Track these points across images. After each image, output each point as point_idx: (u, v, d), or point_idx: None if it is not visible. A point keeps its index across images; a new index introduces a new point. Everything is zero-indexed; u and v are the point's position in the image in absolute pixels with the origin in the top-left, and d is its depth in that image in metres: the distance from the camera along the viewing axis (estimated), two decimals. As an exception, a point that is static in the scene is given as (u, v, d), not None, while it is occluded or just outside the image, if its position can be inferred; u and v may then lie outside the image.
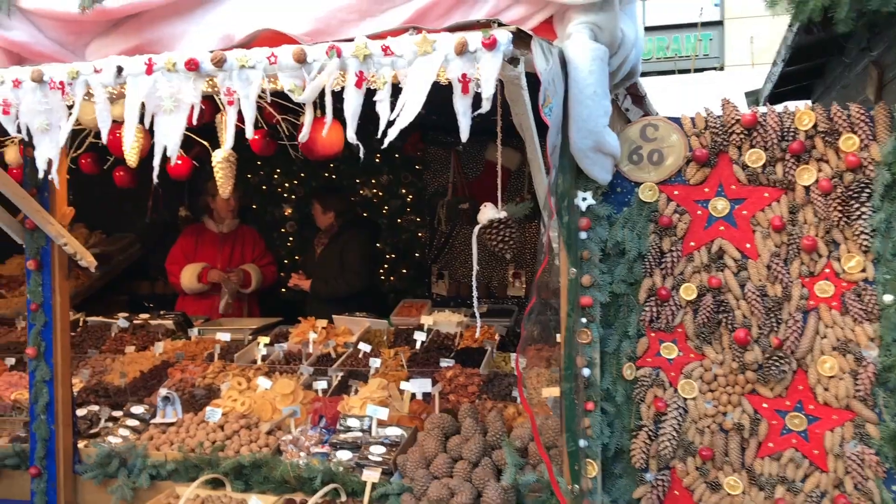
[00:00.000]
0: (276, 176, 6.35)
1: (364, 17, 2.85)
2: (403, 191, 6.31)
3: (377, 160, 6.06)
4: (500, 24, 2.16)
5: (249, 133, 2.29)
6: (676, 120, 2.83)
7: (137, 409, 3.87)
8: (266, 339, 4.59)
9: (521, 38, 2.22)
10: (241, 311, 5.47)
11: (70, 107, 2.44)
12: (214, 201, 5.43)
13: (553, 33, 2.77)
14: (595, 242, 2.82)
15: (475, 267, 3.00)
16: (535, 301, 2.58)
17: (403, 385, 3.84)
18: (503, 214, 3.02)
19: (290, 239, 6.41)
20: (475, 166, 6.06)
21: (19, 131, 2.48)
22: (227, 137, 2.31)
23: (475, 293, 3.04)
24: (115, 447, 3.53)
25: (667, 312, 2.81)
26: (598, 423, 2.84)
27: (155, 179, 2.50)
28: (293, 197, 6.37)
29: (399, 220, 6.35)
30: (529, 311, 2.60)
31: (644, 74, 3.72)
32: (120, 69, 2.35)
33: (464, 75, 2.08)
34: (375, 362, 4.13)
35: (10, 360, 4.44)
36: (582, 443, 2.84)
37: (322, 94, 2.27)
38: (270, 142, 4.12)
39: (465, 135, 2.11)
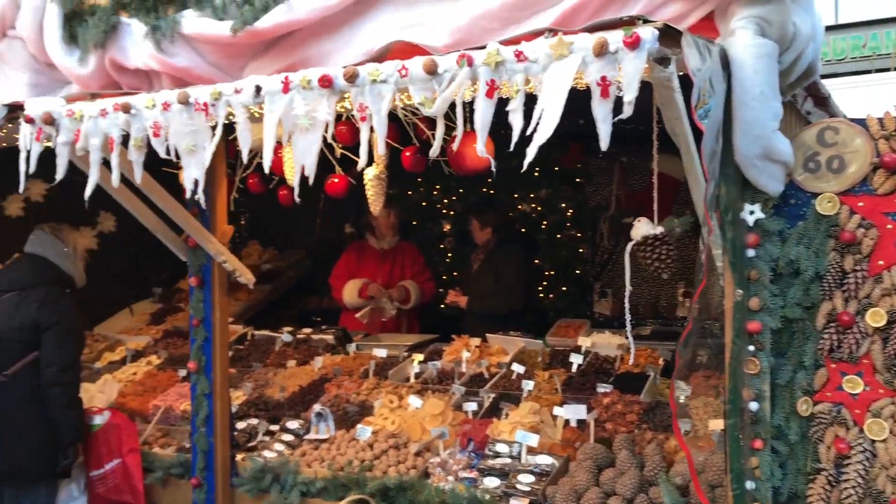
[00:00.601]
0: (435, 192, 6.35)
1: (507, 24, 2.72)
2: (563, 205, 6.09)
3: (535, 174, 5.90)
4: (646, 21, 1.95)
5: (381, 149, 2.22)
6: (861, 122, 2.48)
7: (293, 424, 3.92)
8: (420, 357, 4.55)
9: (670, 36, 2.00)
10: (400, 327, 5.48)
11: (213, 127, 2.48)
12: (375, 218, 5.49)
13: (715, 30, 2.51)
14: (764, 261, 2.52)
15: (628, 287, 2.79)
16: (693, 325, 2.33)
17: (557, 410, 3.65)
18: (659, 230, 2.78)
19: (449, 255, 6.38)
20: (641, 177, 5.75)
21: (168, 153, 2.55)
22: (361, 154, 2.25)
23: (628, 315, 2.82)
24: (269, 462, 3.59)
25: (850, 341, 2.45)
26: (767, 464, 2.53)
27: (296, 199, 2.50)
28: (452, 213, 6.35)
29: (559, 236, 6.14)
30: (686, 336, 2.35)
31: (836, 75, 3.33)
32: (258, 88, 2.36)
33: (603, 78, 1.89)
34: (528, 385, 3.96)
35: (183, 372, 4.65)
36: (749, 484, 2.53)
37: (464, 106, 2.18)
38: (421, 158, 4.07)
39: (604, 143, 1.92)
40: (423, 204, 6.41)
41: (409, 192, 6.41)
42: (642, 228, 2.77)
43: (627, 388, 3.85)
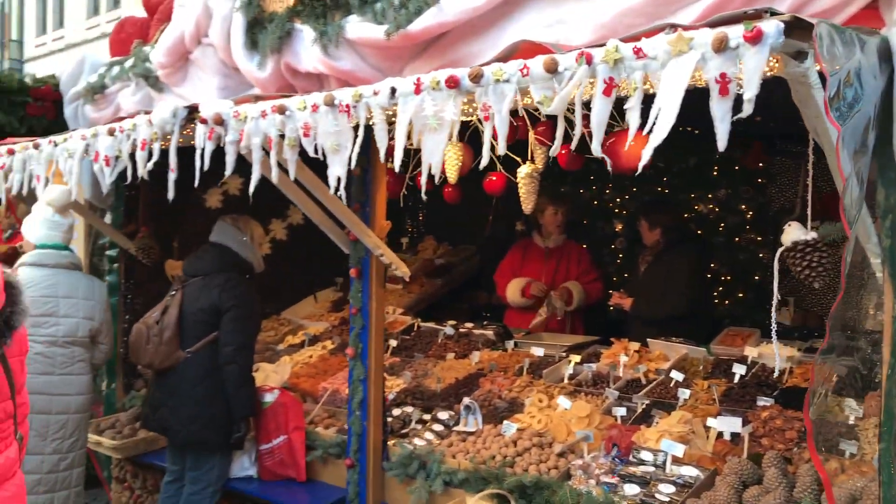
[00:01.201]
0: (607, 191, 6.23)
1: (652, 19, 2.67)
2: (743, 206, 5.76)
3: (714, 173, 5.63)
4: (773, 14, 1.83)
5: (502, 148, 2.24)
6: None
7: (443, 415, 4.03)
8: (577, 358, 4.50)
9: (803, 28, 1.86)
10: (563, 328, 5.43)
11: (355, 128, 2.61)
12: (542, 216, 5.49)
13: (880, 20, 2.32)
14: (929, 273, 2.29)
15: (776, 296, 2.64)
16: (829, 340, 2.16)
17: (710, 422, 3.50)
18: (812, 236, 2.60)
19: (620, 256, 6.23)
20: (830, 178, 5.30)
21: (316, 152, 2.72)
22: (484, 153, 2.29)
23: (774, 325, 2.67)
24: (418, 449, 3.72)
25: None
26: (926, 497, 2.30)
27: (423, 196, 2.58)
28: (624, 212, 6.20)
29: (737, 239, 5.80)
30: (823, 350, 2.19)
31: None
32: (393, 90, 2.45)
33: (722, 75, 1.80)
34: (684, 393, 3.82)
35: (350, 358, 4.90)
36: (904, 518, 2.32)
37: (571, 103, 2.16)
38: (577, 156, 4.02)
39: (722, 143, 1.83)
40: (595, 203, 6.30)
41: (581, 191, 6.33)
42: (793, 233, 2.60)
43: (791, 403, 3.60)
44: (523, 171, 3.76)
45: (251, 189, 2.97)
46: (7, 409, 2.21)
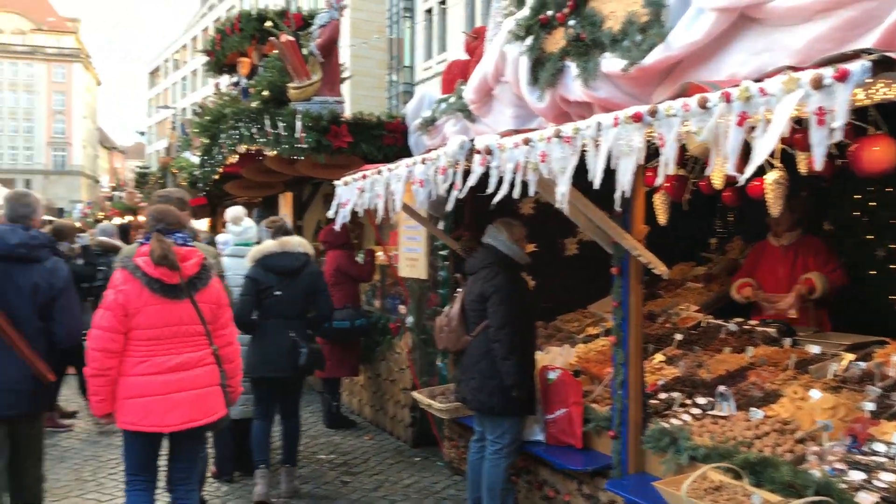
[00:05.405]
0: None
1: (840, 44, 2.97)
2: None
3: None
4: (870, 53, 2.15)
5: (671, 168, 2.74)
6: None
7: (702, 401, 4.46)
8: (851, 356, 4.58)
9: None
10: (806, 319, 5.52)
11: (572, 154, 3.26)
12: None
13: None
14: None
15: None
16: None
17: (960, 420, 3.51)
18: None
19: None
20: None
21: (550, 173, 3.42)
22: (664, 169, 2.80)
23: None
24: (671, 427, 4.21)
25: None
26: None
27: (616, 208, 3.13)
28: None
29: None
30: None
31: None
32: (599, 124, 3.08)
33: (820, 109, 2.18)
34: (948, 394, 3.81)
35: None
36: None
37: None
38: (829, 163, 4.15)
39: (819, 164, 2.20)
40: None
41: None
42: None
43: None
44: (770, 177, 4.06)
45: (495, 200, 3.66)
46: (199, 330, 4.05)
